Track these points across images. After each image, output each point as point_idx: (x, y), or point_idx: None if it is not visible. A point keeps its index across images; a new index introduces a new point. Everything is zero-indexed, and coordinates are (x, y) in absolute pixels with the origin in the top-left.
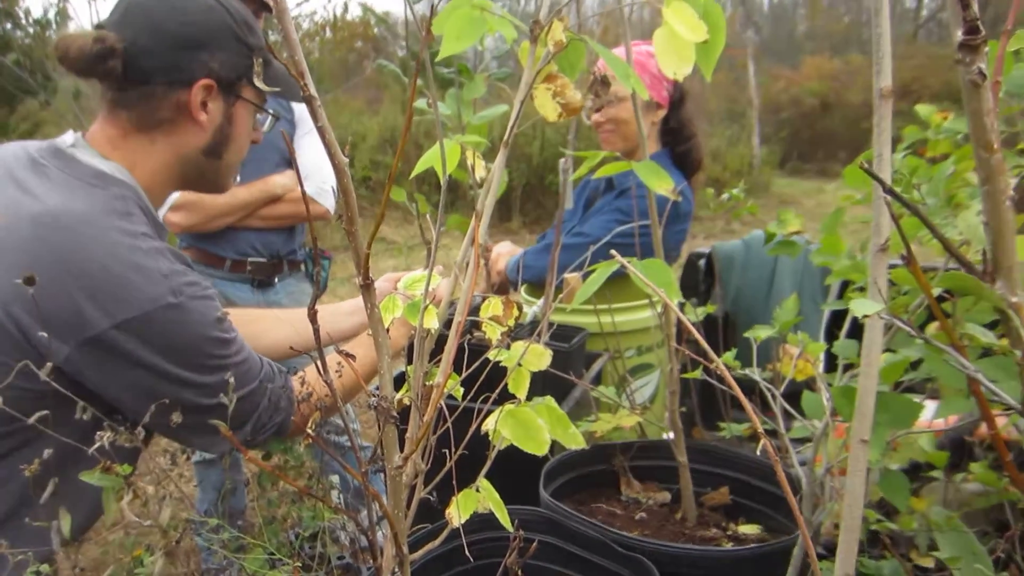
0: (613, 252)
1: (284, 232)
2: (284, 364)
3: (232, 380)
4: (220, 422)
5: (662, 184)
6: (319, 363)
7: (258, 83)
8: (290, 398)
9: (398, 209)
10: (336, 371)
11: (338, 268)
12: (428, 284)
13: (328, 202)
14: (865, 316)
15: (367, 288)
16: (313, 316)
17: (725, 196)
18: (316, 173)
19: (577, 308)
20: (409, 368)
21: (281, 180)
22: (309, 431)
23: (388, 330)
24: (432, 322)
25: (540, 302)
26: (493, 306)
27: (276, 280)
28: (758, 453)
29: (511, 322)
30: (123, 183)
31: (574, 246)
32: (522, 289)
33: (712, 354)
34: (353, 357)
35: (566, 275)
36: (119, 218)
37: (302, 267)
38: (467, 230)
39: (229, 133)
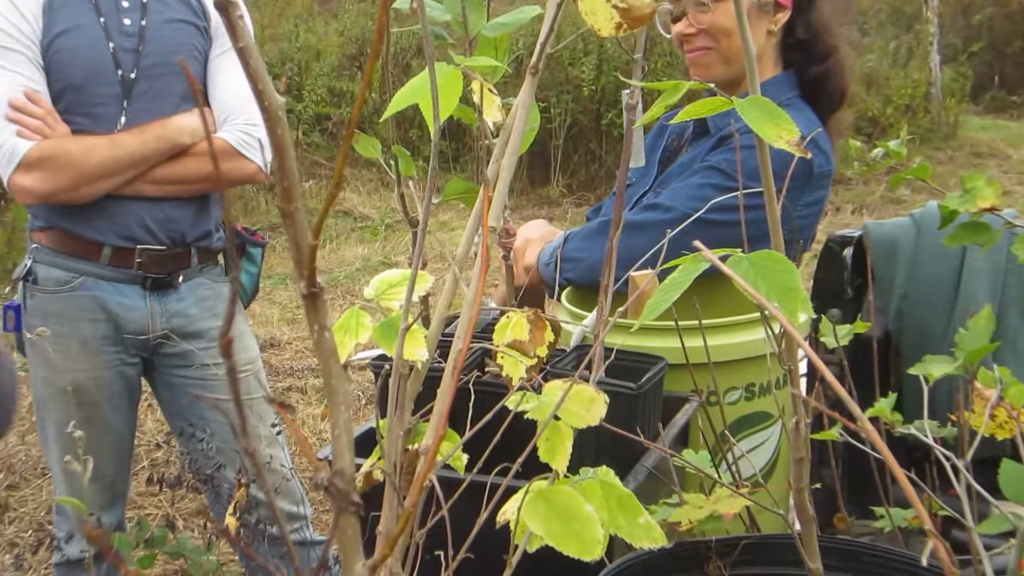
0: (697, 244)
1: (193, 204)
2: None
3: None
4: None
5: (782, 130)
6: None
7: None
8: None
9: (371, 169)
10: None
11: (280, 260)
12: (412, 288)
13: (259, 156)
14: None
15: (312, 300)
16: (227, 348)
17: (879, 152)
18: (240, 112)
19: (650, 326)
20: (382, 423)
21: (188, 123)
22: (231, 518)
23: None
24: (419, 351)
25: (591, 316)
26: (515, 324)
27: (180, 280)
28: (924, 560)
29: (544, 350)
30: None
31: (645, 226)
32: (563, 296)
33: (854, 407)
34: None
35: (632, 273)
36: None
37: (220, 260)
38: (475, 202)
39: None
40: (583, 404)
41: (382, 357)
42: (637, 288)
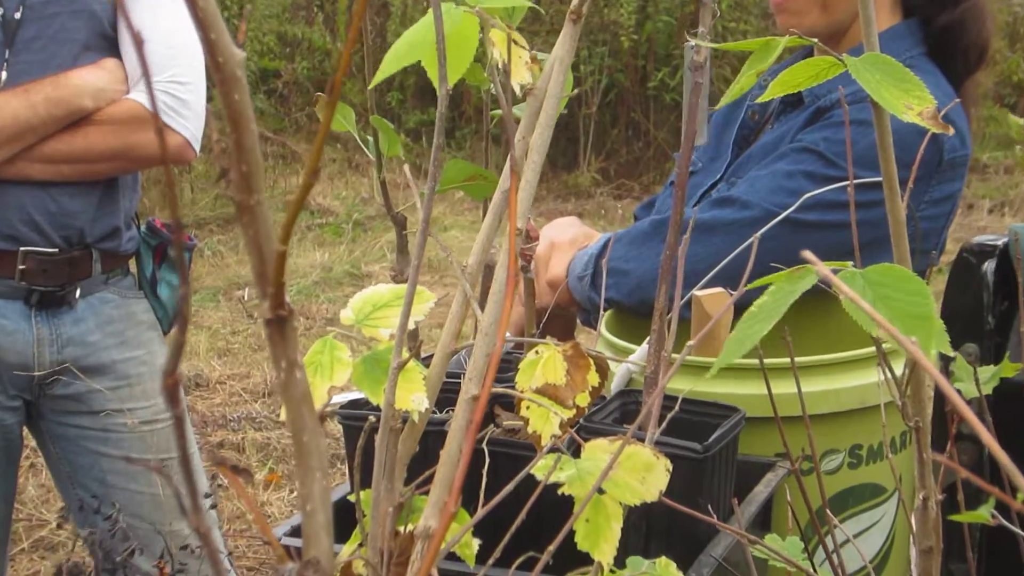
0: (808, 255)
1: (95, 192)
2: None
3: None
4: None
5: (911, 98)
6: None
7: None
8: None
9: (334, 145)
10: None
11: (210, 269)
12: (408, 310)
13: (187, 125)
14: None
15: (279, 327)
16: (172, 390)
17: None
18: (163, 65)
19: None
20: (364, 495)
21: (91, 81)
22: None
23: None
24: (416, 397)
25: (639, 351)
26: (547, 362)
27: (77, 295)
28: None
29: (586, 398)
30: None
31: (715, 228)
32: (601, 322)
33: (1019, 476)
34: None
35: (697, 293)
36: None
37: (132, 268)
38: (485, 194)
39: None
40: (636, 472)
41: (356, 404)
42: (704, 312)
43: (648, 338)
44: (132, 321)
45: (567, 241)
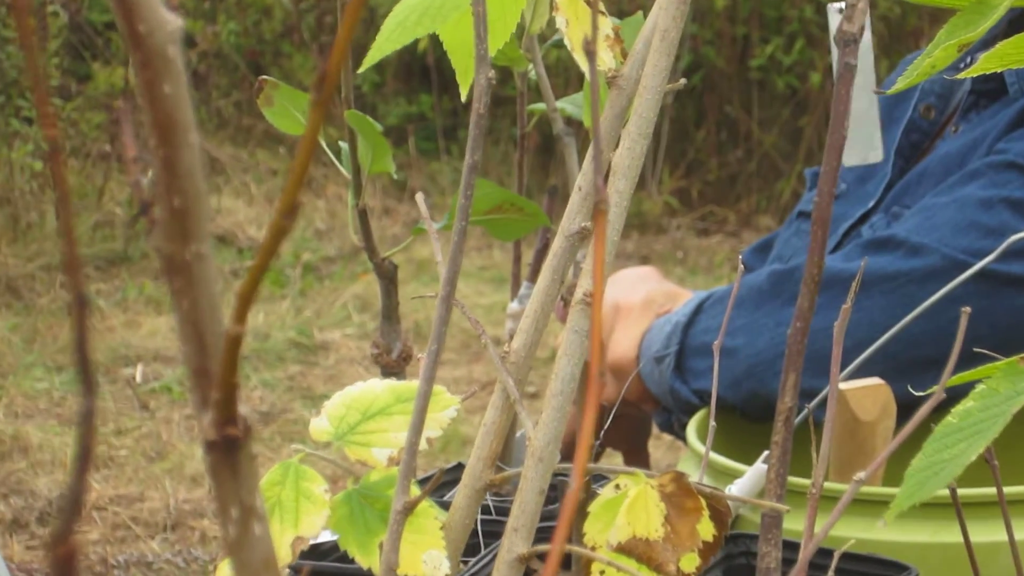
0: None
1: None
2: None
3: None
4: None
5: None
6: None
7: None
8: None
9: (280, 151)
10: None
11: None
12: (419, 424)
13: None
14: None
15: (224, 452)
16: None
17: None
18: None
19: (883, 496)
20: None
21: None
22: None
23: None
24: (432, 559)
25: (751, 472)
26: (635, 504)
27: None
28: None
29: (695, 560)
30: None
31: (873, 283)
32: (690, 426)
33: None
34: None
35: (845, 386)
36: None
37: None
38: (519, 233)
39: None
40: None
41: (318, 552)
42: (852, 415)
43: (764, 454)
44: None
45: (639, 304)
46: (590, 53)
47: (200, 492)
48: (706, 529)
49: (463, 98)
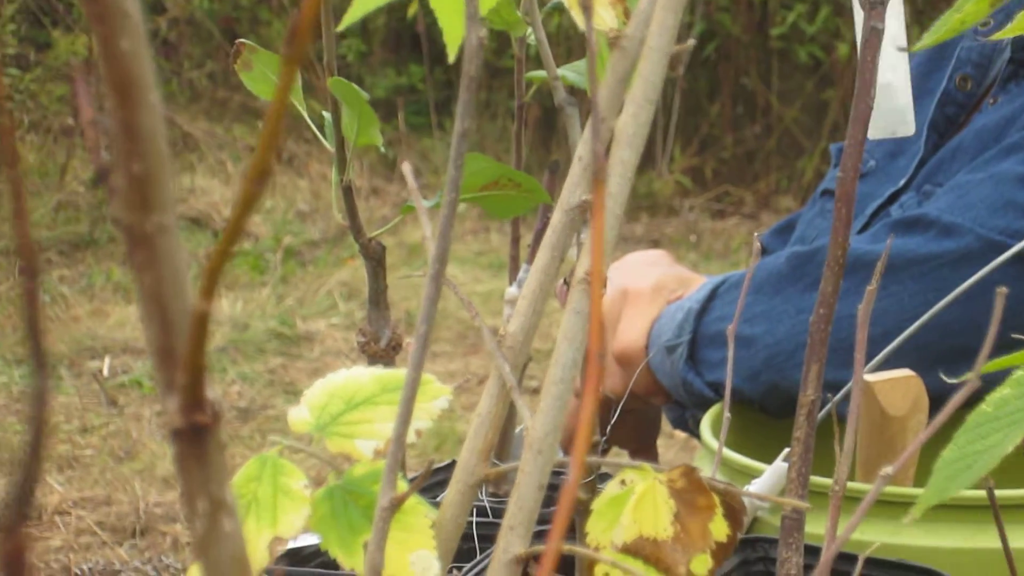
0: None
1: None
2: None
3: None
4: None
5: None
6: None
7: None
8: None
9: (258, 124)
10: None
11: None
12: (407, 414)
13: None
14: None
15: (192, 441)
16: None
17: None
18: None
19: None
20: None
21: None
22: None
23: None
24: (421, 559)
25: (771, 470)
26: (642, 501)
27: None
28: None
29: (707, 562)
30: None
31: (902, 266)
32: (704, 422)
33: None
34: None
35: (871, 377)
36: None
37: None
38: (516, 211)
39: None
40: None
41: (299, 557)
42: (879, 409)
43: (784, 452)
44: None
45: (648, 290)
46: (586, 8)
47: (172, 495)
48: (719, 528)
49: (451, 59)
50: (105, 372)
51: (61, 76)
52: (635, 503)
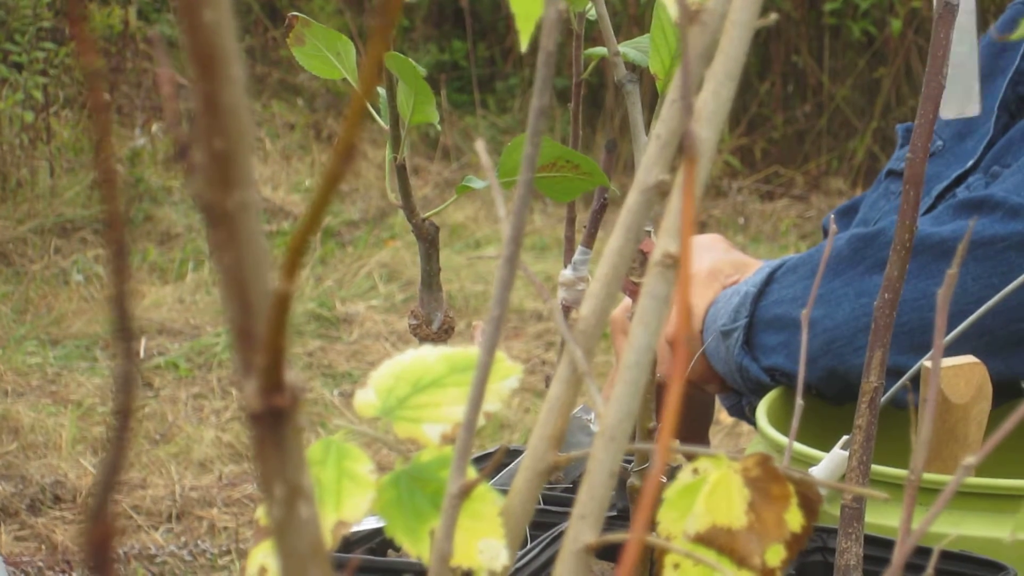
0: None
1: None
2: None
3: None
4: None
5: None
6: None
7: None
8: None
9: (298, 102)
10: None
11: (79, 305)
12: (479, 397)
13: None
14: None
15: (271, 425)
16: None
17: None
18: None
19: (980, 487)
20: None
21: None
22: None
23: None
24: (489, 548)
25: (828, 458)
26: (716, 490)
27: None
28: None
29: (781, 552)
30: None
31: (968, 249)
32: (760, 409)
33: None
34: None
35: (928, 363)
36: None
37: None
38: (575, 193)
39: None
40: None
41: (345, 544)
42: (945, 397)
43: (843, 439)
44: None
45: (703, 274)
46: None
47: (208, 479)
48: (794, 519)
49: (523, 48)
50: (141, 354)
51: (97, 50)
52: (708, 492)
